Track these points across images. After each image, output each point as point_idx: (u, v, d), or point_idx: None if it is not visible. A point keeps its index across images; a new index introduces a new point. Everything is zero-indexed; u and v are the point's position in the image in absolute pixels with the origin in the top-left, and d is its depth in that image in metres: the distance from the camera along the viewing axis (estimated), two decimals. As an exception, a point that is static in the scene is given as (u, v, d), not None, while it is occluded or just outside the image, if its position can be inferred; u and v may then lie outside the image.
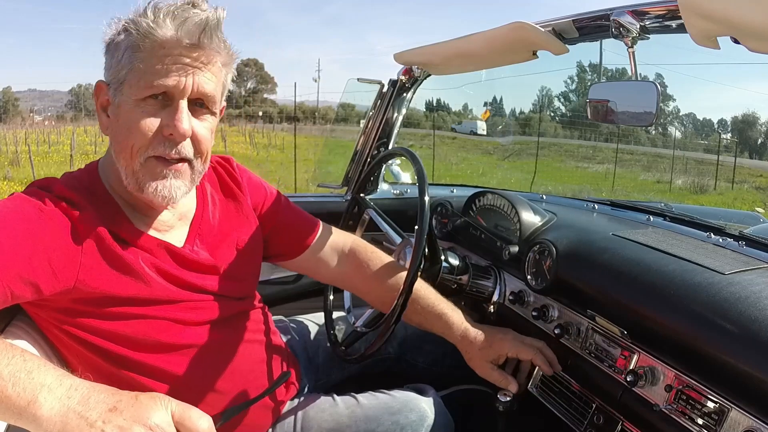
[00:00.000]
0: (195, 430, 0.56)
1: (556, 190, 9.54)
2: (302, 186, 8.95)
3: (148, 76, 0.75)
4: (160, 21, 0.74)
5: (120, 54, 0.76)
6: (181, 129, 0.76)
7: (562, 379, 1.06)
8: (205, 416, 0.57)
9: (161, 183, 0.78)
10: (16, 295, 0.69)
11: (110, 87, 0.79)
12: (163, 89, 0.76)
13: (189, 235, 0.90)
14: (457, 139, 23.77)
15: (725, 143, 21.51)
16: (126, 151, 0.77)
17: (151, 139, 0.77)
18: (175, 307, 0.84)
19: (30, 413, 0.54)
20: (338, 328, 1.26)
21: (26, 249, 0.69)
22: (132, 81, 0.76)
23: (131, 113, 0.76)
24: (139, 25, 0.74)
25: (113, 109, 0.79)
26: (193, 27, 0.75)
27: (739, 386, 0.74)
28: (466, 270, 1.24)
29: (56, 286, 0.72)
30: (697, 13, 0.76)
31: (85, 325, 0.78)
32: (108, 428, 0.53)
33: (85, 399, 0.55)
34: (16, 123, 30.63)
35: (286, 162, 12.34)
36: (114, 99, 0.78)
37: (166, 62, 0.75)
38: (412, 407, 1.01)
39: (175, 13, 0.75)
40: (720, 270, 0.90)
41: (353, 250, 1.12)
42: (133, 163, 0.78)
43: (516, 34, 1.08)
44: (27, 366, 0.56)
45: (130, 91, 0.76)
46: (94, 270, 0.75)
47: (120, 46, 0.76)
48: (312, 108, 38.18)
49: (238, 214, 0.98)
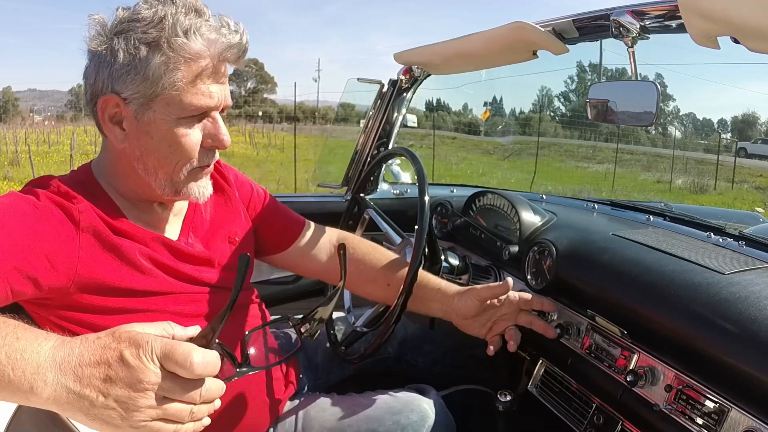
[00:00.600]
0: (188, 370, 0.53)
1: (556, 190, 9.54)
2: (302, 186, 8.95)
3: (191, 96, 0.76)
4: (202, 44, 0.75)
5: (148, 70, 0.74)
6: (226, 143, 0.82)
7: (562, 379, 1.06)
8: (193, 349, 0.53)
9: (198, 185, 0.84)
10: (16, 291, 0.69)
11: (128, 102, 0.76)
12: (206, 109, 0.79)
13: (183, 229, 0.91)
14: (457, 139, 23.79)
15: (725, 143, 21.50)
16: (168, 165, 0.80)
17: (195, 153, 0.81)
18: (173, 299, 0.84)
19: (35, 396, 0.54)
20: (338, 328, 1.26)
21: (22, 243, 0.69)
22: (170, 100, 0.76)
23: (174, 131, 0.78)
24: (176, 44, 0.73)
25: (137, 124, 0.77)
26: (235, 53, 0.78)
27: (739, 386, 0.74)
28: (466, 270, 1.24)
29: (55, 280, 0.73)
30: (697, 13, 0.76)
31: (85, 321, 0.78)
32: (110, 402, 0.52)
33: (78, 374, 0.53)
34: (16, 123, 30.65)
35: (286, 162, 12.33)
36: (138, 114, 0.77)
37: (207, 83, 0.77)
38: (413, 407, 1.01)
39: (217, 36, 0.76)
40: (720, 270, 0.90)
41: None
42: (175, 174, 0.81)
43: (516, 34, 1.08)
44: (20, 345, 0.55)
45: (168, 109, 0.76)
46: (92, 263, 0.76)
47: (148, 60, 0.74)
48: (312, 108, 38.20)
49: (228, 207, 1.00)
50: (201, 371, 0.53)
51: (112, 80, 0.76)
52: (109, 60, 0.75)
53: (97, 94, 0.78)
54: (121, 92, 0.76)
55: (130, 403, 0.52)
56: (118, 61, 0.74)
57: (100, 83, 0.77)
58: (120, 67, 0.74)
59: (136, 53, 0.74)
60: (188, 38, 0.74)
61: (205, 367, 0.54)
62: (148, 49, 0.74)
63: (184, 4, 0.76)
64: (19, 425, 0.85)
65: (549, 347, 1.09)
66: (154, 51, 0.74)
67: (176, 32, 0.74)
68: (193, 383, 0.55)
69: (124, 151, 0.80)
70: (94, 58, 0.77)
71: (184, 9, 0.75)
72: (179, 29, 0.74)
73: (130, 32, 0.74)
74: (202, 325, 0.86)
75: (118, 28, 0.75)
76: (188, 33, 0.74)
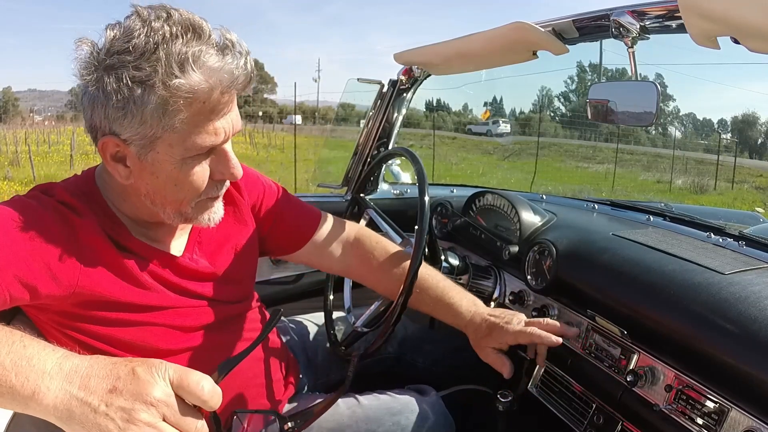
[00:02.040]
0: (197, 395, 0.55)
1: (556, 190, 9.54)
2: (302, 186, 8.95)
3: (194, 136, 0.70)
4: (201, 78, 0.67)
5: (144, 113, 0.67)
6: (238, 174, 0.78)
7: (562, 379, 1.06)
8: (205, 377, 0.56)
9: (209, 213, 0.81)
10: (14, 297, 0.68)
11: (129, 143, 0.71)
12: (211, 147, 0.73)
13: (188, 244, 0.89)
14: (457, 139, 23.76)
15: (725, 143, 21.51)
16: (176, 201, 0.77)
17: (205, 188, 0.77)
18: (174, 314, 0.83)
19: (36, 402, 0.54)
20: (338, 328, 1.26)
21: (24, 252, 0.69)
22: (172, 141, 0.70)
23: (179, 171, 0.73)
24: (172, 84, 0.66)
25: (140, 164, 0.73)
26: (241, 83, 0.71)
27: (739, 386, 0.74)
28: (466, 270, 1.24)
29: (55, 290, 0.72)
30: (697, 13, 0.76)
31: (85, 330, 0.77)
32: (111, 411, 0.52)
33: (85, 383, 0.54)
34: (16, 123, 30.64)
35: (286, 162, 12.33)
36: (141, 154, 0.71)
37: (212, 119, 0.71)
38: (413, 408, 1.01)
39: (220, 63, 0.68)
40: (720, 270, 0.90)
41: (358, 240, 1.09)
42: (184, 208, 0.78)
43: (516, 34, 1.08)
44: (27, 352, 0.56)
45: (171, 150, 0.71)
46: (94, 275, 0.75)
47: (143, 103, 0.67)
48: (312, 108, 38.19)
49: (237, 219, 0.97)
50: (209, 398, 0.55)
51: (109, 121, 0.69)
52: (102, 100, 0.68)
53: (95, 130, 0.72)
54: (121, 134, 0.70)
55: (131, 414, 0.52)
56: (111, 102, 0.67)
57: (97, 121, 0.71)
58: (114, 109, 0.68)
59: (129, 94, 0.66)
60: (185, 74, 0.66)
61: (213, 395, 0.55)
62: (142, 90, 0.66)
63: (182, 23, 0.67)
64: (19, 426, 0.85)
65: (549, 347, 1.09)
66: (148, 92, 0.66)
67: (171, 68, 0.66)
68: (193, 414, 0.56)
69: (131, 185, 0.76)
70: (87, 94, 0.70)
71: (180, 29, 0.67)
72: (174, 64, 0.66)
73: (122, 68, 0.66)
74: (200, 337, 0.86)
75: (109, 62, 0.67)
76: (184, 66, 0.66)
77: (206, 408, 0.57)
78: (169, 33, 0.66)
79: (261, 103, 50.85)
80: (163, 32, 0.66)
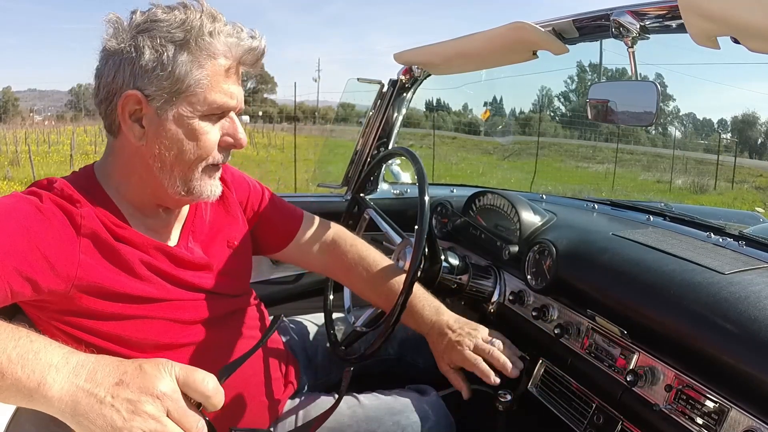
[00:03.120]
0: (202, 392, 0.57)
1: (556, 190, 9.54)
2: (302, 186, 8.94)
3: (214, 95, 0.78)
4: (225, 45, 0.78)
5: (174, 66, 0.75)
6: (244, 142, 0.85)
7: (562, 379, 1.06)
8: (210, 376, 0.58)
9: (211, 184, 0.85)
10: (15, 292, 0.69)
11: (151, 99, 0.77)
12: (226, 109, 0.81)
13: (182, 234, 0.91)
14: (457, 139, 23.77)
15: (725, 143, 21.50)
16: (186, 162, 0.81)
17: (214, 150, 0.82)
18: (172, 306, 0.84)
19: (41, 394, 0.54)
20: (338, 328, 1.26)
21: (22, 245, 0.69)
22: (194, 97, 0.77)
23: (196, 127, 0.79)
24: (203, 43, 0.76)
25: (158, 121, 0.78)
26: (254, 56, 0.82)
27: (739, 386, 0.74)
28: (466, 270, 1.24)
29: (54, 283, 0.72)
30: (697, 13, 0.76)
31: (86, 327, 0.78)
32: (117, 403, 0.53)
33: (92, 375, 0.55)
34: (16, 123, 30.64)
35: (286, 162, 12.33)
36: (160, 111, 0.77)
37: (229, 83, 0.80)
38: (413, 408, 1.01)
39: (237, 39, 0.79)
40: (720, 270, 0.90)
41: (335, 241, 1.13)
42: (191, 172, 0.82)
43: (516, 34, 1.08)
44: (34, 347, 0.57)
45: (192, 106, 0.78)
46: (92, 267, 0.76)
47: (174, 58, 0.75)
48: (312, 108, 38.18)
49: (227, 211, 1.00)
50: (213, 395, 0.57)
51: (135, 77, 0.76)
52: (134, 57, 0.75)
53: (115, 92, 0.77)
54: (144, 89, 0.76)
55: (137, 406, 0.53)
56: (144, 58, 0.75)
57: (120, 80, 0.77)
58: (145, 64, 0.75)
59: (163, 51, 0.75)
60: (213, 38, 0.77)
61: (216, 393, 0.58)
62: (176, 48, 0.75)
63: (203, 11, 0.78)
64: (19, 425, 0.85)
65: (549, 347, 1.09)
66: (181, 49, 0.76)
67: (202, 33, 0.76)
68: (195, 413, 0.57)
69: (140, 150, 0.80)
70: (113, 56, 0.77)
71: (203, 15, 0.78)
72: (204, 30, 0.76)
73: (155, 31, 0.75)
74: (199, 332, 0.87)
75: (142, 27, 0.76)
76: (213, 34, 0.77)
77: (209, 406, 0.58)
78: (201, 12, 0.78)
79: (261, 103, 50.84)
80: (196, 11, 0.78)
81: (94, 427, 0.53)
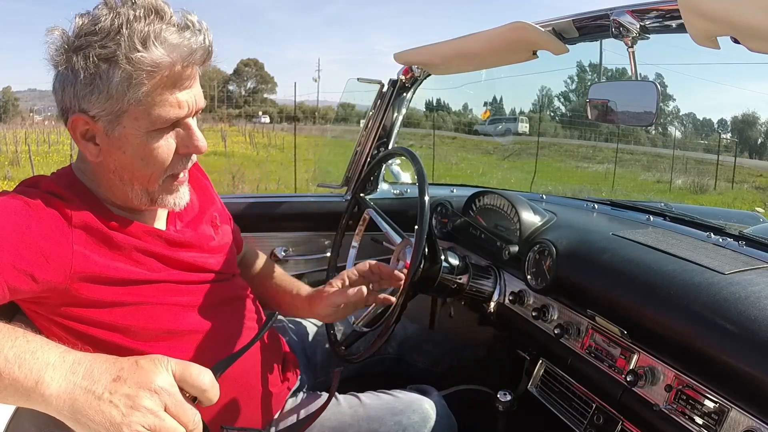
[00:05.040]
0: (198, 386, 0.57)
1: (556, 190, 9.53)
2: (302, 186, 8.94)
3: (158, 108, 0.74)
4: (162, 53, 0.72)
5: (110, 87, 0.72)
6: (202, 148, 0.82)
7: (562, 379, 1.06)
8: (205, 370, 0.58)
9: (175, 196, 0.85)
10: (13, 288, 0.69)
11: (97, 119, 0.75)
12: (175, 119, 0.77)
13: (169, 220, 0.92)
14: (457, 139, 23.74)
15: (725, 143, 21.50)
16: (143, 177, 0.80)
17: (170, 162, 0.80)
18: (169, 289, 0.85)
19: (38, 393, 0.54)
20: (337, 328, 1.26)
21: (16, 240, 0.70)
22: (137, 114, 0.74)
23: (145, 144, 0.77)
24: (135, 58, 0.70)
25: (108, 140, 0.77)
26: (200, 56, 0.76)
27: (739, 386, 0.74)
28: (466, 270, 1.24)
29: (51, 276, 0.73)
30: (697, 13, 0.76)
31: (85, 318, 0.78)
32: (115, 398, 0.53)
33: (89, 372, 0.55)
34: (16, 123, 30.60)
35: (286, 162, 12.32)
36: (109, 130, 0.76)
37: (175, 92, 0.75)
38: (415, 408, 1.01)
39: (179, 39, 0.73)
40: (720, 270, 0.90)
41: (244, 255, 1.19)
42: (150, 185, 0.81)
43: (516, 34, 1.08)
44: (30, 347, 0.57)
45: (137, 123, 0.75)
46: (87, 257, 0.76)
47: (109, 78, 0.72)
48: (312, 108, 38.18)
49: (205, 196, 1.02)
50: (210, 389, 0.58)
51: (78, 99, 0.74)
52: (71, 79, 0.73)
53: (66, 111, 0.77)
54: (89, 110, 0.75)
55: (135, 401, 0.53)
56: (80, 80, 0.73)
57: (67, 101, 0.76)
58: (82, 86, 0.73)
59: (96, 71, 0.72)
60: (147, 49, 0.71)
61: (212, 386, 0.58)
62: (108, 66, 0.71)
63: (144, 5, 0.73)
64: (19, 425, 0.85)
65: (549, 347, 1.09)
66: (113, 67, 0.71)
67: (134, 44, 0.70)
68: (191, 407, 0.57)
69: (101, 164, 0.80)
70: (58, 76, 0.76)
71: (144, 11, 0.72)
72: (136, 40, 0.71)
73: (89, 48, 0.71)
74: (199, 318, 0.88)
75: (77, 44, 0.73)
76: (146, 42, 0.71)
77: (204, 400, 0.59)
78: (133, 15, 0.72)
79: (261, 103, 50.85)
80: (127, 15, 0.72)
81: (93, 424, 0.53)
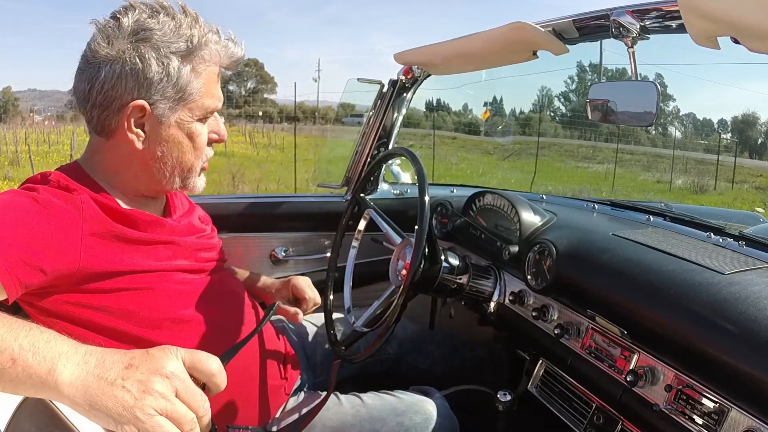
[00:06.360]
0: (207, 371, 0.59)
1: (556, 190, 9.52)
2: (302, 186, 8.93)
3: (208, 100, 0.85)
4: (216, 52, 0.84)
5: (180, 79, 0.81)
6: (225, 135, 0.93)
7: (562, 379, 1.06)
8: (213, 357, 0.60)
9: (202, 179, 0.93)
10: (23, 282, 0.70)
11: (154, 106, 0.81)
12: (215, 110, 0.89)
13: (166, 212, 0.96)
14: (457, 139, 23.74)
15: (725, 143, 21.49)
16: (186, 162, 0.87)
17: (206, 147, 0.90)
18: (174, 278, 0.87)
19: (51, 381, 0.55)
20: (338, 328, 1.26)
21: (26, 235, 0.70)
22: (193, 104, 0.83)
23: (194, 129, 0.86)
24: (201, 55, 0.82)
25: (160, 127, 0.83)
26: (235, 62, 0.88)
27: (739, 386, 0.74)
28: (466, 270, 1.24)
29: (61, 267, 0.74)
30: (697, 13, 0.76)
31: (93, 305, 0.79)
32: (128, 384, 0.54)
33: (101, 361, 0.56)
34: (16, 123, 30.57)
35: (286, 162, 12.32)
36: (163, 118, 0.82)
37: (217, 87, 0.87)
38: (417, 409, 1.01)
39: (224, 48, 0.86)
40: (720, 270, 0.90)
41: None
42: (191, 172, 0.89)
43: (516, 34, 1.08)
44: (44, 336, 0.58)
45: (191, 112, 0.84)
46: (96, 248, 0.77)
47: (180, 71, 0.80)
48: (312, 108, 38.16)
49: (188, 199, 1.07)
50: (218, 373, 0.60)
51: (140, 87, 0.79)
52: (138, 68, 0.78)
53: (114, 99, 0.80)
54: (149, 98, 0.80)
55: (147, 385, 0.54)
56: (151, 70, 0.79)
57: (121, 89, 0.79)
58: (152, 75, 0.79)
59: (168, 63, 0.79)
60: (208, 47, 0.83)
61: (220, 372, 0.60)
62: (180, 60, 0.80)
63: (191, 16, 0.83)
64: (19, 425, 0.85)
65: (549, 347, 1.09)
66: (184, 60, 0.81)
67: (200, 43, 0.81)
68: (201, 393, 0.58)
69: (140, 152, 0.84)
70: (111, 64, 0.78)
71: (196, 23, 0.82)
72: (201, 41, 0.82)
73: (155, 41, 0.78)
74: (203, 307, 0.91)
75: (141, 36, 0.78)
76: (207, 43, 0.82)
77: (213, 386, 0.60)
78: (192, 19, 0.83)
79: (261, 103, 50.82)
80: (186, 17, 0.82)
81: (106, 410, 0.54)
